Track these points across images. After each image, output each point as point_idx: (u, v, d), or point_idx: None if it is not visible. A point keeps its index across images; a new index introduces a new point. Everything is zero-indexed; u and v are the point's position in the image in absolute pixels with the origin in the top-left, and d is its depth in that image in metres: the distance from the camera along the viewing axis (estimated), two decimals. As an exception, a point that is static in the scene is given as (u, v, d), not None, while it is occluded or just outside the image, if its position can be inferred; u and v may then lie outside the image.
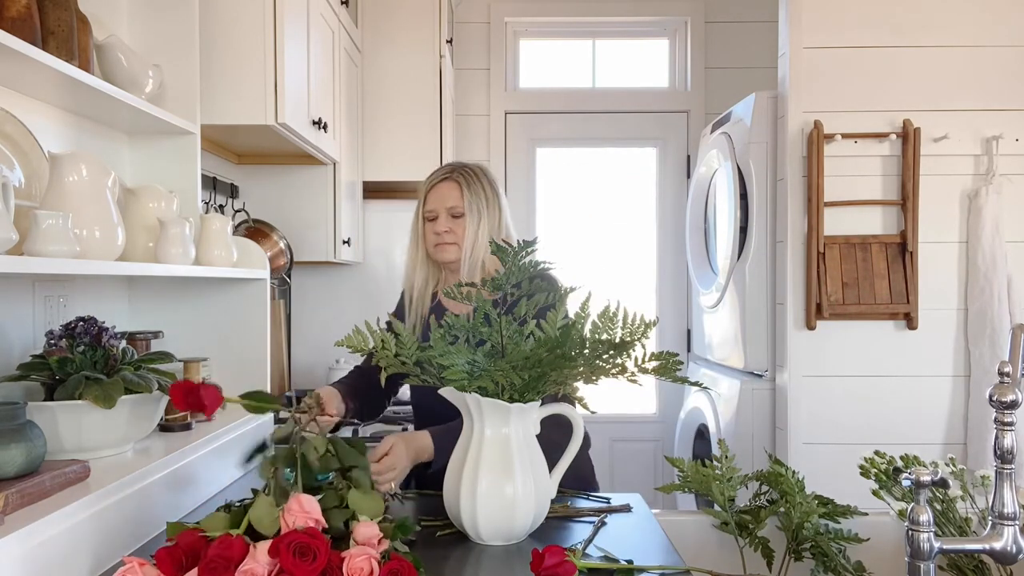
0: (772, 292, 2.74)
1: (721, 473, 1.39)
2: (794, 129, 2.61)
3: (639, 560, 1.15)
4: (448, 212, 1.69)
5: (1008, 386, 1.12)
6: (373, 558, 0.97)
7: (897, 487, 1.37)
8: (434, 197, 1.71)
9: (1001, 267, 2.53)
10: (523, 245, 1.22)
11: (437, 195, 1.71)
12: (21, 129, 1.41)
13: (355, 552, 0.97)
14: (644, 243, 3.89)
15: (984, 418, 2.53)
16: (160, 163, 1.83)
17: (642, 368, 1.19)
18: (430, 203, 1.72)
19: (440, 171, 1.74)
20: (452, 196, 1.69)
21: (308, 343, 3.15)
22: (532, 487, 1.21)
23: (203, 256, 1.70)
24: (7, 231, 1.03)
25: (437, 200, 1.70)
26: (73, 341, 1.32)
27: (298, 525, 0.96)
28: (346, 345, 1.27)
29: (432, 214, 1.71)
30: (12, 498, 0.99)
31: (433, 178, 1.74)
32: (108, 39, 1.57)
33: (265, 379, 1.91)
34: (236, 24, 2.06)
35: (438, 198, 1.70)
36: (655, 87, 3.90)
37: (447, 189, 1.70)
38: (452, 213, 1.69)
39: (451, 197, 1.69)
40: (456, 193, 1.69)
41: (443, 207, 1.69)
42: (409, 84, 3.16)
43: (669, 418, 3.74)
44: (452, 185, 1.70)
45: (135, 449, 1.39)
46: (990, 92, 2.60)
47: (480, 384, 1.18)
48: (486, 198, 1.71)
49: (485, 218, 1.69)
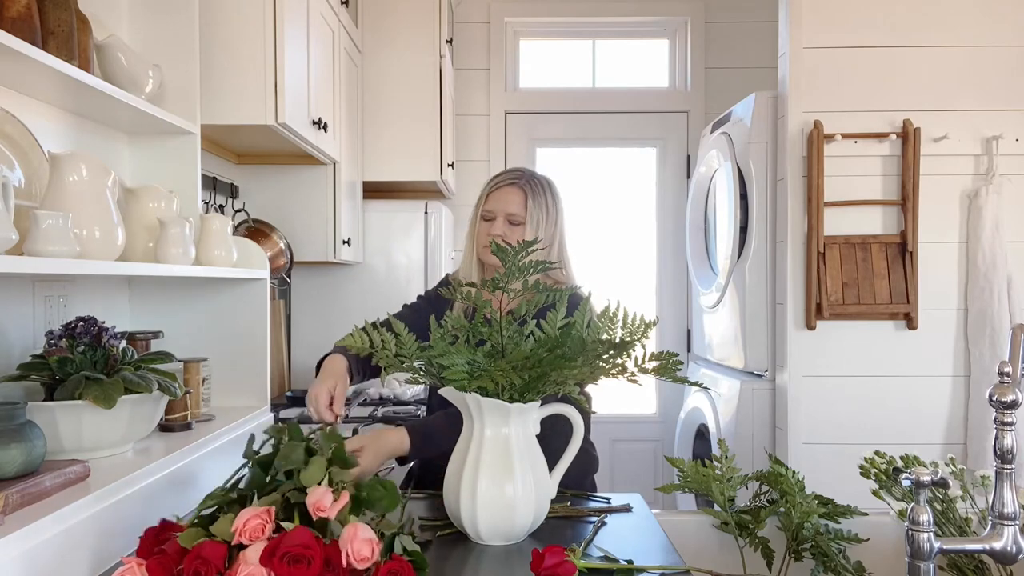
0: (772, 292, 2.74)
1: (721, 473, 1.39)
2: (794, 129, 2.61)
3: (639, 560, 1.15)
4: (507, 217, 1.68)
5: (1008, 386, 1.12)
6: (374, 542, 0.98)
7: (897, 487, 1.37)
8: (496, 199, 1.69)
9: (1001, 267, 2.53)
10: (523, 245, 1.22)
11: (499, 198, 1.69)
12: (21, 129, 1.41)
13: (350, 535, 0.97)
14: (644, 243, 3.89)
15: (984, 418, 2.53)
16: (160, 163, 1.83)
17: (642, 368, 1.19)
18: (490, 203, 1.70)
19: (507, 174, 1.72)
20: (515, 202, 1.67)
21: (308, 343, 3.16)
22: (532, 487, 1.21)
23: (203, 256, 1.70)
24: (7, 231, 1.03)
25: (498, 203, 1.69)
26: (73, 341, 1.32)
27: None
28: (346, 345, 1.27)
29: (490, 215, 1.69)
30: (12, 498, 0.99)
31: (498, 180, 1.72)
32: (108, 39, 1.57)
33: (265, 379, 1.91)
34: (236, 24, 2.06)
35: (500, 201, 1.69)
36: (655, 87, 3.90)
37: (511, 194, 1.68)
38: (511, 220, 1.68)
39: (514, 203, 1.68)
40: (520, 200, 1.67)
41: (503, 211, 1.68)
42: (409, 84, 3.16)
43: (669, 418, 3.74)
44: (517, 191, 1.68)
45: (135, 449, 1.39)
46: (990, 92, 2.60)
47: (480, 384, 1.18)
48: (547, 212, 1.69)
49: (543, 231, 1.68)
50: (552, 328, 1.24)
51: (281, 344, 3.06)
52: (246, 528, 0.97)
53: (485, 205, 1.71)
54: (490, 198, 1.71)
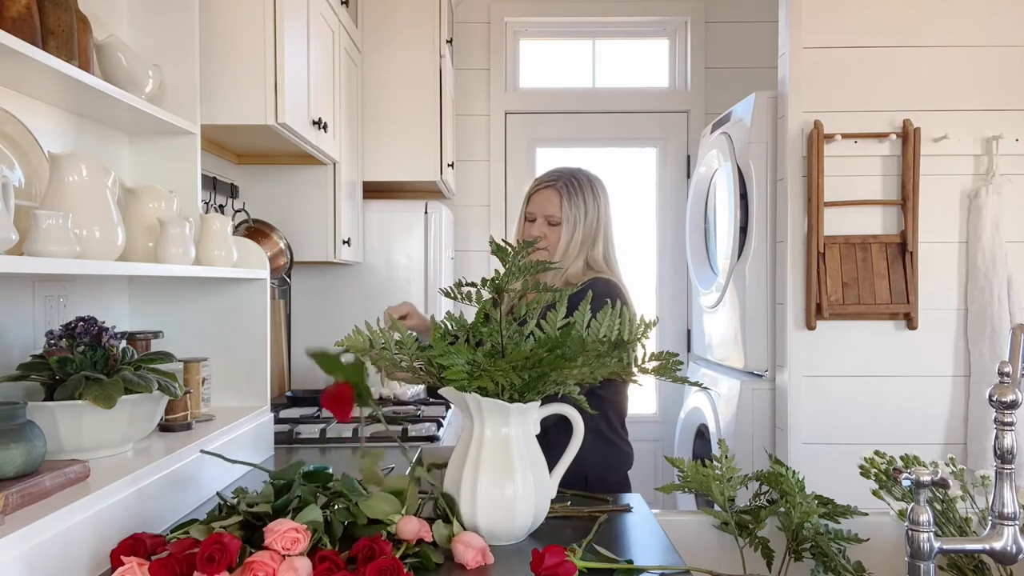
0: (772, 292, 2.74)
1: (721, 473, 1.39)
2: (794, 129, 2.61)
3: (639, 560, 1.15)
4: (546, 219, 1.74)
5: (1008, 386, 1.12)
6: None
7: (897, 487, 1.37)
8: (535, 201, 1.76)
9: (1001, 267, 2.53)
10: (523, 245, 1.22)
11: (538, 200, 1.76)
12: (21, 129, 1.41)
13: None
14: (644, 243, 3.89)
15: (984, 418, 2.53)
16: (160, 163, 1.83)
17: (642, 368, 1.19)
18: (532, 205, 1.77)
19: (547, 176, 1.78)
20: (551, 204, 1.73)
21: (308, 343, 3.15)
22: (532, 487, 1.21)
23: (203, 256, 1.70)
24: (7, 231, 1.03)
25: (538, 205, 1.76)
26: (73, 341, 1.32)
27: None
28: (346, 345, 1.26)
29: (532, 216, 1.77)
30: (12, 498, 0.99)
31: (539, 182, 1.79)
32: (108, 39, 1.57)
33: (265, 379, 1.91)
34: (236, 24, 2.06)
35: (538, 204, 1.75)
36: (655, 87, 3.90)
37: (548, 196, 1.74)
38: (549, 221, 1.73)
39: (550, 205, 1.73)
40: (556, 201, 1.72)
41: (542, 213, 1.74)
42: (409, 84, 3.16)
43: (669, 418, 3.74)
44: (553, 193, 1.74)
45: (135, 449, 1.39)
46: (990, 92, 2.60)
47: (480, 384, 1.18)
48: (585, 210, 1.74)
49: (580, 231, 1.73)
50: (552, 328, 1.24)
51: (281, 344, 3.06)
52: (286, 535, 1.02)
53: (527, 207, 1.79)
54: (531, 200, 1.78)
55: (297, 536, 1.02)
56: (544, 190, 1.75)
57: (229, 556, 0.96)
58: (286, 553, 1.01)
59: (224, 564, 0.95)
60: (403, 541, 1.12)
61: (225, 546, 0.96)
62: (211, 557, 0.96)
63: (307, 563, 1.00)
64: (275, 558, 0.99)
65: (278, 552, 1.01)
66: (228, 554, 0.96)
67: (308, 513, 1.09)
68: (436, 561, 1.11)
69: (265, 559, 0.98)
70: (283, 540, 1.02)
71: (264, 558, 0.98)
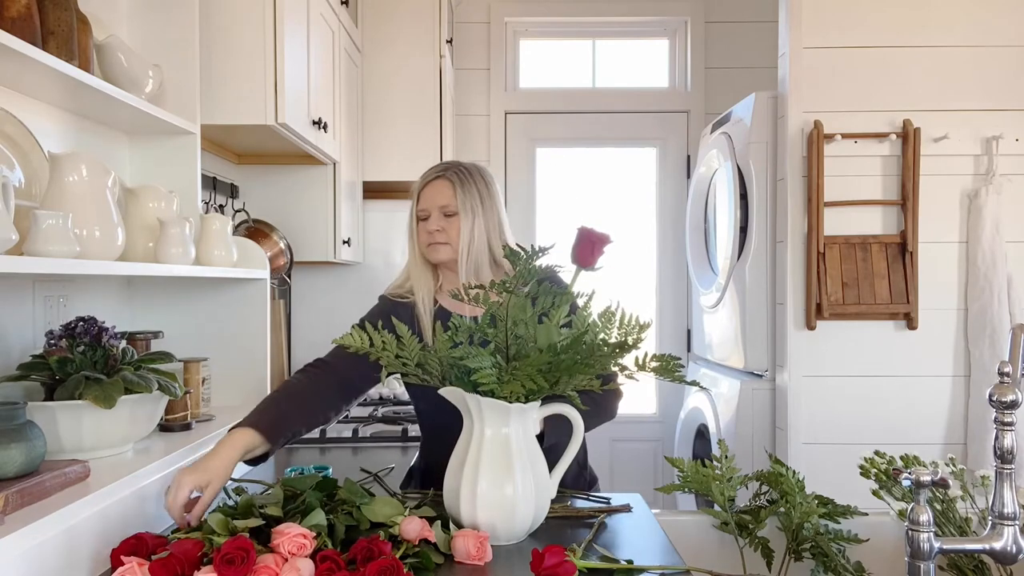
0: (772, 292, 2.74)
1: (721, 473, 1.39)
2: (794, 129, 2.61)
3: (639, 560, 1.15)
4: (440, 211, 1.63)
5: (1008, 386, 1.12)
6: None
7: (897, 487, 1.37)
8: (426, 196, 1.66)
9: (1001, 267, 2.53)
10: (536, 250, 1.22)
11: (429, 194, 1.66)
12: (21, 129, 1.41)
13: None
14: (644, 243, 3.89)
15: (984, 418, 2.53)
16: (160, 163, 1.83)
17: (643, 368, 1.19)
18: (422, 202, 1.67)
19: (433, 169, 1.69)
20: (444, 194, 1.64)
21: (308, 343, 3.16)
22: (532, 487, 1.21)
23: (203, 256, 1.70)
24: (7, 231, 1.03)
25: (429, 199, 1.65)
26: (73, 341, 1.32)
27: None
28: (346, 345, 1.26)
29: (424, 213, 1.66)
30: (12, 498, 1.00)
31: (426, 177, 1.68)
32: (108, 39, 1.57)
33: (265, 379, 1.91)
34: (236, 24, 2.06)
35: (430, 197, 1.65)
36: (655, 87, 3.90)
37: (439, 187, 1.65)
38: (444, 212, 1.63)
39: (443, 195, 1.64)
40: (448, 191, 1.63)
41: (435, 206, 1.64)
42: (409, 84, 3.16)
43: (669, 418, 3.74)
44: (444, 183, 1.65)
45: (135, 449, 1.39)
46: (990, 92, 2.60)
47: (511, 389, 1.17)
48: (480, 197, 1.64)
49: (480, 217, 1.63)
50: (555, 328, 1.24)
51: (281, 344, 3.05)
52: (294, 540, 1.04)
53: (418, 205, 1.67)
54: (421, 197, 1.67)
55: (304, 542, 1.04)
56: (434, 182, 1.65)
57: (248, 564, 0.97)
58: (291, 556, 1.02)
59: (242, 572, 0.96)
60: (404, 541, 1.12)
61: (247, 554, 0.98)
62: (230, 560, 0.96)
63: (310, 564, 1.01)
64: (278, 562, 1.00)
65: (282, 556, 1.02)
66: (248, 562, 0.97)
67: (313, 517, 1.10)
68: (436, 561, 1.11)
69: (269, 563, 0.99)
70: (290, 544, 1.03)
71: (268, 562, 1.00)
